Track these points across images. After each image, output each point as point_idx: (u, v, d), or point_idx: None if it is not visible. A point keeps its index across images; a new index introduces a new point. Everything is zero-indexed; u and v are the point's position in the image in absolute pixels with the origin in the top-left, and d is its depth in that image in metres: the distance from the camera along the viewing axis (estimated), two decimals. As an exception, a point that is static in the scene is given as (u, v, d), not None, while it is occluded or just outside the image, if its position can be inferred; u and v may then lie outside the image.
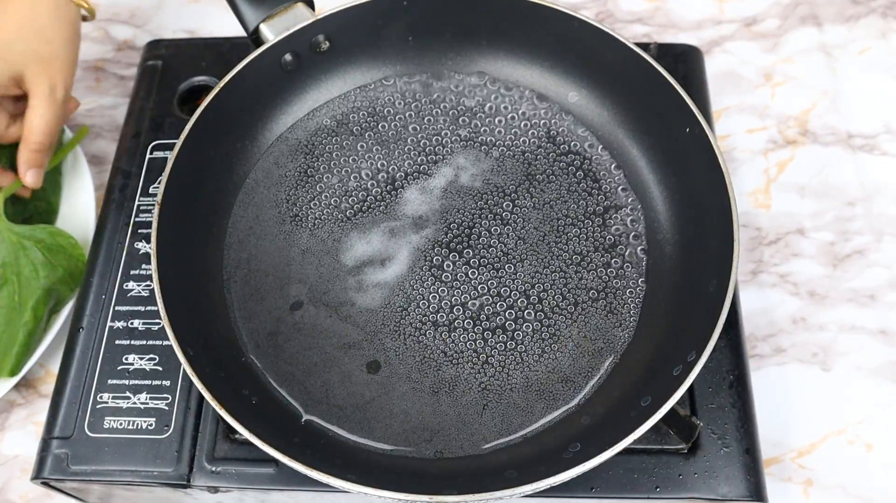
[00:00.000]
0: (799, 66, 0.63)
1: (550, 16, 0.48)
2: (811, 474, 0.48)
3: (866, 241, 0.55)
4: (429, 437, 0.42)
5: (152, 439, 0.43)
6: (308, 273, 0.47)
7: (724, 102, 0.61)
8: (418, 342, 0.44)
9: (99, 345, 0.46)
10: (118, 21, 0.68)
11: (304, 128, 0.51)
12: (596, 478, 0.41)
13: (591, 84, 0.50)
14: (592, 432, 0.41)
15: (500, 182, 0.49)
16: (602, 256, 0.47)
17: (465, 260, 0.47)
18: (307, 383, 0.43)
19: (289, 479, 0.42)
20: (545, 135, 0.51)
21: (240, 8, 0.48)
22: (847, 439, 0.49)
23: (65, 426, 0.44)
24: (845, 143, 0.59)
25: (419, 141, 0.51)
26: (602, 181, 0.49)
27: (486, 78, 0.52)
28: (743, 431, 0.43)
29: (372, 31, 0.50)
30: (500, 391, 0.43)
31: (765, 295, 0.54)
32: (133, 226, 0.50)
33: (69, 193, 0.57)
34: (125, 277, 0.48)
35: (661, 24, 0.66)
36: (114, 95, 0.64)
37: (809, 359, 0.51)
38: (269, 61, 0.48)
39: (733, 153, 0.59)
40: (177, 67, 0.56)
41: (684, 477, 0.41)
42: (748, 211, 0.57)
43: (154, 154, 0.53)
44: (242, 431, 0.36)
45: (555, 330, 0.45)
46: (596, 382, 0.43)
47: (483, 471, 0.41)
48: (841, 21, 0.65)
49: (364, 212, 0.49)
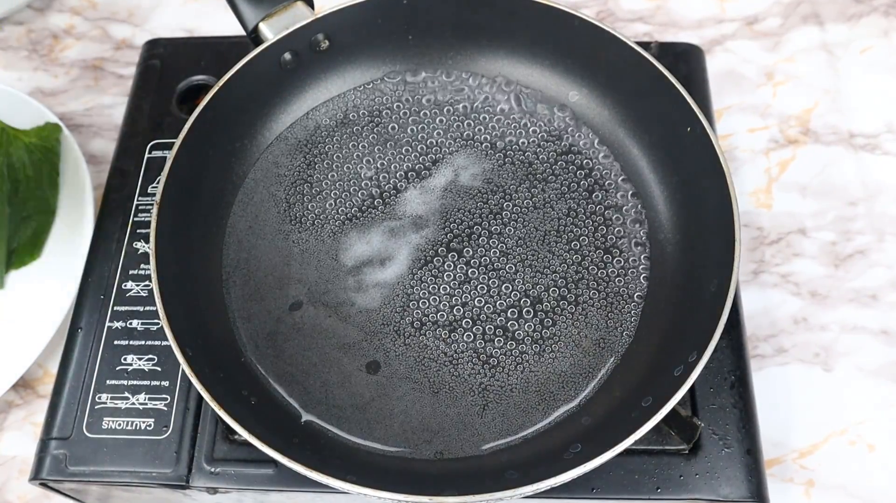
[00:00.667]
0: (800, 66, 0.63)
1: (551, 14, 0.48)
2: (813, 475, 0.48)
3: (868, 240, 0.55)
4: (429, 438, 0.42)
5: (151, 440, 0.43)
6: (307, 273, 0.46)
7: (726, 101, 0.61)
8: (418, 342, 0.44)
9: (97, 346, 0.46)
10: (117, 20, 0.68)
11: (304, 127, 0.51)
12: (597, 479, 0.41)
13: (592, 83, 0.50)
14: (593, 433, 0.41)
15: (500, 182, 0.49)
16: (603, 256, 0.46)
17: (466, 260, 0.47)
18: (306, 383, 0.43)
19: (288, 480, 0.42)
20: (545, 134, 0.50)
21: (239, 7, 0.47)
22: (849, 440, 0.49)
23: (63, 427, 0.44)
24: (847, 142, 0.59)
25: (419, 140, 0.51)
26: (603, 181, 0.49)
27: (487, 77, 0.52)
28: (744, 432, 0.42)
29: (372, 30, 0.50)
30: (500, 391, 0.43)
31: (766, 295, 0.54)
32: (132, 225, 0.50)
33: (67, 193, 0.57)
34: (124, 277, 0.48)
35: (662, 22, 0.66)
36: (112, 94, 0.64)
37: (811, 360, 0.51)
38: (268, 60, 0.48)
39: (734, 152, 0.59)
40: (176, 66, 0.56)
41: (685, 477, 0.41)
42: (749, 210, 0.57)
43: (153, 153, 0.53)
44: (241, 432, 0.36)
45: (555, 330, 0.44)
46: (597, 383, 0.43)
47: (483, 471, 0.41)
48: (843, 20, 0.65)
49: (364, 211, 0.48)
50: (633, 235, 0.47)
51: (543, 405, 0.43)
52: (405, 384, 0.43)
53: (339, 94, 0.52)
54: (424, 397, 0.43)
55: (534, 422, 0.42)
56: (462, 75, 0.52)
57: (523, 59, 0.51)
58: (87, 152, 0.60)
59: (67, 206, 0.56)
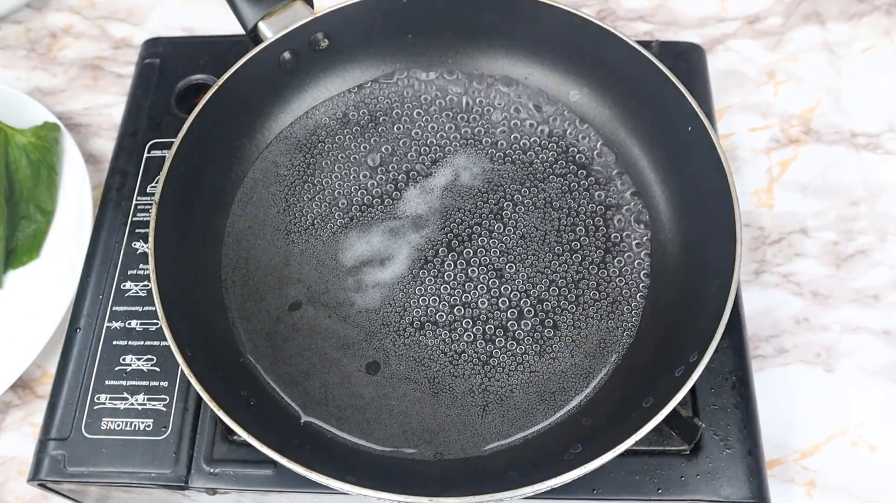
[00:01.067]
0: (802, 65, 0.62)
1: (551, 13, 0.48)
2: (814, 476, 0.48)
3: (870, 240, 0.55)
4: (429, 439, 0.42)
5: (150, 440, 0.43)
6: (307, 273, 0.46)
7: (727, 101, 0.61)
8: (418, 342, 0.44)
9: (96, 346, 0.46)
10: (116, 19, 0.68)
11: (303, 126, 0.51)
12: (597, 480, 0.41)
13: (593, 82, 0.50)
14: (594, 433, 0.40)
15: (500, 181, 0.49)
16: (603, 256, 0.46)
17: (466, 259, 0.46)
18: (306, 384, 0.43)
19: (287, 481, 0.42)
20: (546, 133, 0.50)
21: (238, 6, 0.47)
22: (850, 440, 0.49)
23: (62, 427, 0.44)
24: (849, 141, 0.59)
25: (419, 140, 0.50)
26: (603, 180, 0.49)
27: (487, 76, 0.52)
28: (745, 432, 0.42)
29: (371, 29, 0.50)
30: (500, 392, 0.43)
31: (768, 295, 0.53)
32: (130, 225, 0.50)
33: (66, 192, 0.57)
34: (122, 277, 0.48)
35: (664, 21, 0.65)
36: (111, 94, 0.64)
37: (812, 360, 0.51)
38: (267, 59, 0.47)
39: (736, 152, 0.59)
40: (175, 66, 0.56)
41: (686, 478, 0.41)
42: (751, 210, 0.56)
43: (152, 153, 0.52)
44: (241, 433, 0.36)
45: (556, 330, 0.44)
46: (597, 383, 0.43)
47: (484, 472, 0.41)
48: (844, 19, 0.65)
49: (363, 211, 0.48)
50: (634, 235, 0.47)
51: (544, 405, 0.42)
52: (405, 384, 0.43)
53: (339, 93, 0.52)
54: (424, 398, 0.43)
55: (534, 423, 0.42)
56: (462, 74, 0.52)
57: (524, 58, 0.51)
58: (85, 152, 0.60)
59: (66, 206, 0.56)
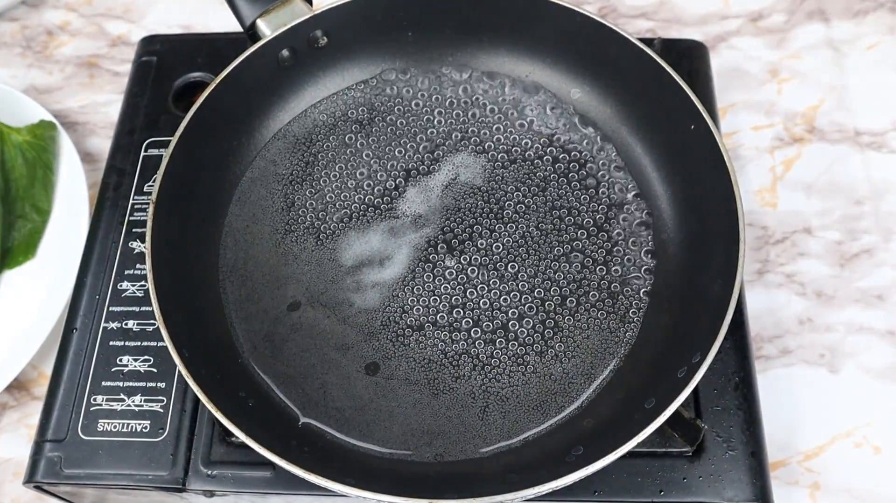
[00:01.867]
0: (806, 62, 0.62)
1: (553, 11, 0.48)
2: (818, 477, 0.48)
3: (874, 240, 0.55)
4: (429, 440, 0.41)
5: (147, 442, 0.43)
6: (305, 273, 0.46)
7: (730, 99, 0.61)
8: (418, 343, 0.44)
9: (93, 347, 0.46)
10: (112, 16, 0.68)
11: (302, 125, 0.50)
12: (599, 482, 0.41)
13: (595, 80, 0.50)
14: (595, 435, 0.40)
15: (501, 180, 0.49)
16: (605, 256, 0.46)
17: (466, 259, 0.46)
18: (305, 385, 0.43)
19: (286, 483, 0.41)
20: (547, 132, 0.50)
21: (236, 3, 0.47)
22: (854, 442, 0.48)
23: (58, 429, 0.43)
24: (853, 140, 0.59)
25: (419, 138, 0.50)
26: (605, 179, 0.48)
27: (487, 74, 0.51)
28: (748, 434, 0.42)
29: (371, 27, 0.50)
30: (501, 393, 0.42)
31: (771, 295, 0.53)
32: (127, 225, 0.49)
33: (62, 191, 0.56)
34: (119, 277, 0.48)
35: (666, 19, 0.65)
36: (108, 92, 0.64)
37: (816, 361, 0.51)
38: (265, 57, 0.47)
39: (739, 150, 0.59)
40: (172, 63, 0.55)
41: (689, 480, 0.41)
42: (754, 209, 0.56)
43: (149, 151, 0.52)
44: (239, 434, 0.36)
45: (557, 331, 0.44)
46: (599, 384, 0.43)
47: (484, 474, 0.40)
48: (848, 16, 0.64)
49: (362, 210, 0.48)
50: (636, 235, 0.46)
51: (545, 407, 0.42)
52: (405, 386, 0.43)
53: (338, 91, 0.51)
54: (424, 399, 0.42)
55: (535, 425, 0.42)
56: (463, 73, 0.51)
57: (525, 55, 0.51)
58: (82, 150, 0.60)
59: (62, 205, 0.56)
